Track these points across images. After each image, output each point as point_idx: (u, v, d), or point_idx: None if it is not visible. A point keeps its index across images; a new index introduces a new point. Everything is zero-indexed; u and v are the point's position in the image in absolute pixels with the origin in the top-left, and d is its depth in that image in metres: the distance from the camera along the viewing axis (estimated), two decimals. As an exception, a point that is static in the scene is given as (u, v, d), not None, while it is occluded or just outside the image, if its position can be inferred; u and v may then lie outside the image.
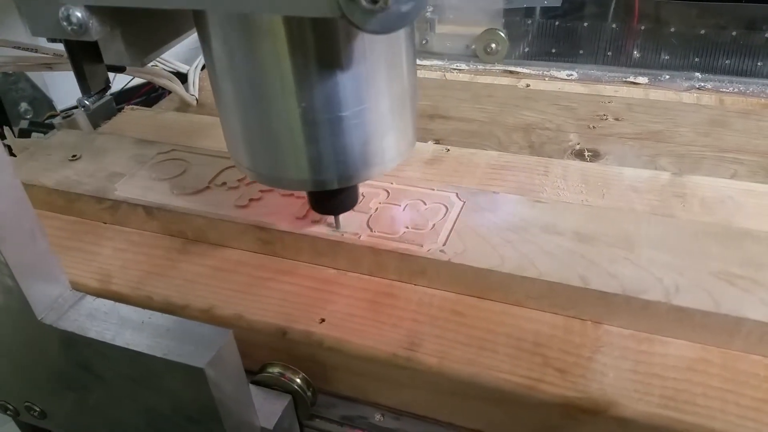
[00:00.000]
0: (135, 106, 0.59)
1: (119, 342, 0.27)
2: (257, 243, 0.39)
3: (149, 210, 0.41)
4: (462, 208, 0.38)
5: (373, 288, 0.36)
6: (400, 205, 0.39)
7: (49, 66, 0.53)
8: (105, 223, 0.43)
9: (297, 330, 0.34)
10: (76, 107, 0.63)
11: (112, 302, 0.29)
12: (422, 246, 0.36)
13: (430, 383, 0.32)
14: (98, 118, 0.57)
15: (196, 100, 0.61)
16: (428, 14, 0.70)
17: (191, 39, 0.84)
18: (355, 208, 0.39)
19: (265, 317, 0.35)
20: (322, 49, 0.28)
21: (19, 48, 0.52)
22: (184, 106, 0.62)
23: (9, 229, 0.26)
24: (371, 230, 0.37)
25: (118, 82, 0.72)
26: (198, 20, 0.30)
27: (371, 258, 0.36)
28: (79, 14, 0.29)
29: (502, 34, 0.67)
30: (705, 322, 0.31)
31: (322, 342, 0.33)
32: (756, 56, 0.62)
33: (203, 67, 0.70)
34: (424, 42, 0.71)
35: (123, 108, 0.59)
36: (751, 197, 0.40)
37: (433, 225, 0.37)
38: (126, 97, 0.81)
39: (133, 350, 0.27)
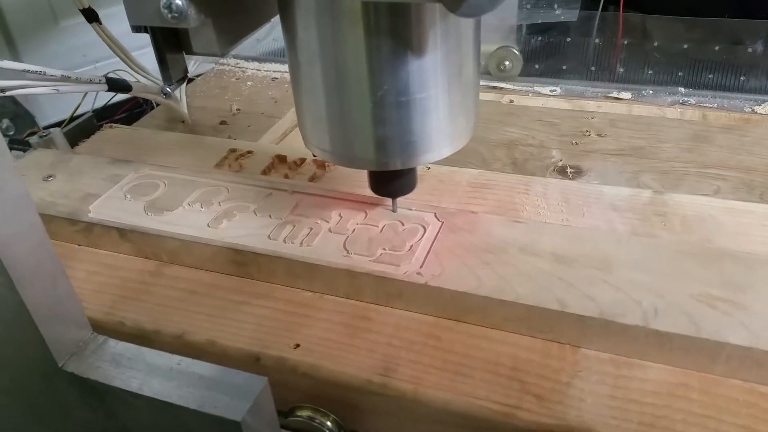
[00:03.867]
0: (114, 124, 0.58)
1: (147, 392, 0.25)
2: (232, 265, 0.38)
3: (123, 232, 0.40)
4: (440, 228, 0.38)
5: (349, 311, 0.36)
6: (377, 226, 0.39)
7: (56, 89, 0.52)
8: (79, 246, 0.42)
9: (270, 356, 0.33)
10: (56, 125, 0.62)
11: (137, 347, 0.27)
12: (399, 268, 0.35)
13: (405, 410, 0.31)
14: (77, 136, 0.56)
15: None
16: None
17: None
18: (332, 229, 0.38)
19: (239, 343, 0.34)
20: (396, 35, 0.30)
21: (27, 72, 0.51)
22: (165, 123, 0.61)
23: (29, 272, 0.24)
24: (348, 252, 0.37)
25: (100, 98, 0.71)
26: (281, 6, 0.32)
27: (347, 280, 0.36)
28: (179, 2, 0.30)
29: (516, 51, 0.66)
30: (685, 346, 0.30)
31: (296, 368, 0.33)
32: (739, 71, 0.62)
33: (188, 82, 0.70)
34: None
35: (102, 126, 0.58)
36: (732, 215, 0.40)
37: (411, 246, 0.37)
38: (110, 112, 0.80)
39: (163, 401, 0.25)
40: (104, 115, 0.77)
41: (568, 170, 0.51)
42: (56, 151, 0.51)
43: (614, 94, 0.63)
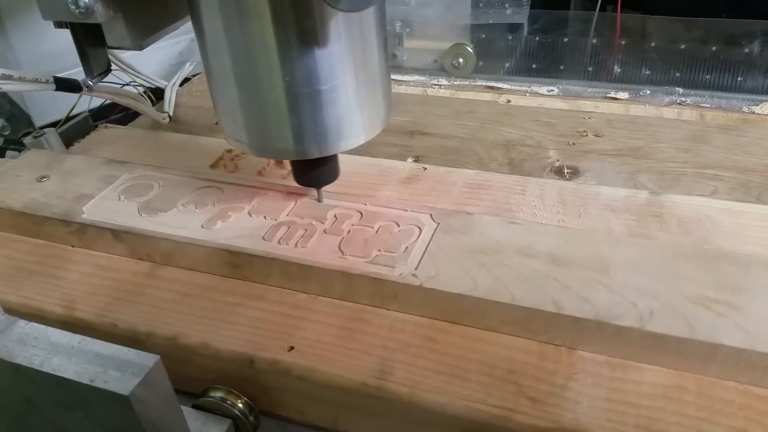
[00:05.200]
0: (109, 125, 0.58)
1: (46, 368, 0.26)
2: (226, 267, 0.38)
3: (116, 233, 0.40)
4: (436, 229, 0.38)
5: (344, 313, 0.35)
6: (373, 227, 0.38)
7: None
8: (72, 247, 0.42)
9: (264, 359, 0.33)
10: (52, 125, 0.62)
11: (44, 327, 0.28)
12: (394, 269, 0.35)
13: (401, 413, 0.31)
14: (72, 136, 0.56)
15: (169, 117, 0.60)
16: (397, 29, 0.70)
17: (172, 54, 0.83)
18: (328, 230, 0.38)
19: (232, 345, 0.34)
20: (301, 28, 0.31)
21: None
22: (158, 124, 0.61)
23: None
24: (343, 253, 0.36)
25: (97, 98, 0.71)
26: (190, 2, 0.33)
27: (342, 282, 0.36)
28: None
29: (470, 49, 0.68)
30: (680, 348, 0.30)
31: (290, 371, 0.32)
32: (736, 71, 0.62)
33: (182, 83, 0.70)
34: (392, 56, 0.72)
35: (97, 126, 0.58)
36: (729, 216, 0.40)
37: (406, 248, 0.36)
38: (106, 112, 0.80)
39: (60, 377, 0.26)
40: (100, 115, 0.76)
41: (565, 170, 0.51)
42: (50, 151, 0.51)
43: (611, 94, 0.63)
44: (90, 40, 0.36)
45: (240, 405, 0.32)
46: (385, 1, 0.35)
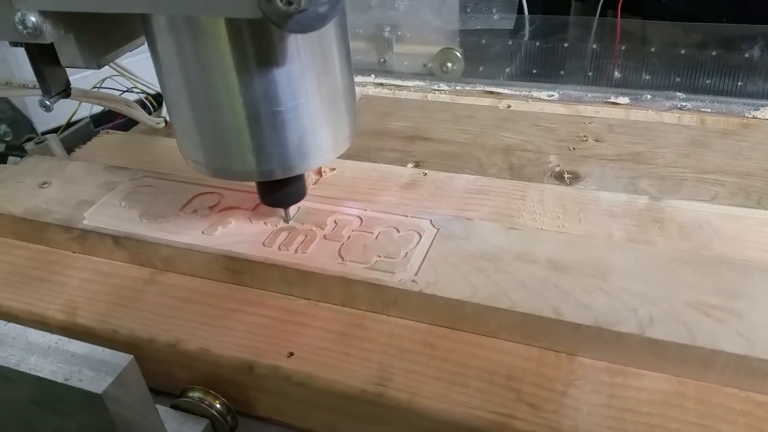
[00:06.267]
0: (111, 130, 0.58)
1: (23, 368, 0.27)
2: (226, 273, 0.38)
3: (117, 239, 0.40)
4: (435, 235, 0.38)
5: (344, 319, 0.35)
6: (372, 233, 0.38)
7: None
8: (74, 253, 0.42)
9: (264, 365, 0.33)
10: (53, 131, 0.62)
11: (22, 327, 0.29)
12: (394, 275, 0.35)
13: (400, 419, 0.31)
14: (74, 142, 0.56)
15: (165, 122, 0.61)
16: (386, 34, 0.71)
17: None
18: (328, 236, 0.38)
19: (232, 351, 0.34)
20: (257, 48, 0.30)
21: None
22: (160, 130, 0.61)
23: None
24: (343, 259, 0.36)
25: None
26: (144, 23, 0.32)
27: (342, 288, 0.36)
28: (33, 18, 0.30)
29: (458, 53, 0.68)
30: (680, 354, 0.30)
31: (289, 377, 0.32)
32: (737, 76, 0.62)
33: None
34: (382, 61, 0.73)
35: (99, 132, 0.58)
36: (729, 221, 0.40)
37: (406, 253, 0.36)
38: (108, 118, 0.80)
39: (36, 376, 0.26)
40: (102, 121, 0.77)
41: (566, 176, 0.51)
42: (52, 157, 0.51)
43: (612, 99, 0.63)
44: (45, 59, 0.34)
45: (218, 405, 0.33)
46: (345, 15, 0.34)
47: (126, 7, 0.30)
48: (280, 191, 0.38)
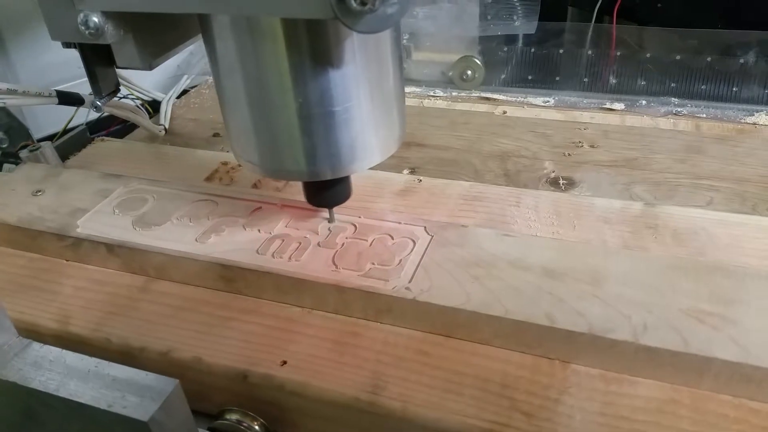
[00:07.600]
0: (105, 138, 0.58)
1: (63, 393, 0.26)
2: (220, 281, 0.38)
3: (111, 247, 0.40)
4: (429, 242, 0.38)
5: (337, 327, 0.35)
6: (366, 240, 0.38)
7: (3, 102, 0.51)
8: (67, 261, 0.42)
9: (257, 373, 0.33)
10: (49, 137, 0.62)
11: (59, 350, 0.28)
12: (388, 283, 0.35)
13: (394, 428, 0.31)
14: (69, 149, 0.56)
15: (165, 130, 0.61)
16: (405, 41, 0.70)
17: (171, 67, 0.83)
18: (321, 244, 0.38)
19: (225, 360, 0.33)
20: (315, 48, 0.31)
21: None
22: (155, 137, 0.61)
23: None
24: (336, 267, 0.36)
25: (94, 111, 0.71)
26: (203, 24, 0.33)
27: (336, 296, 0.36)
28: (96, 19, 0.31)
29: (478, 61, 0.67)
30: (674, 361, 0.30)
31: (283, 386, 0.32)
32: (732, 81, 0.62)
33: (179, 96, 0.70)
34: None
35: (93, 139, 0.58)
36: (724, 227, 0.40)
37: (400, 261, 0.36)
38: (104, 125, 0.80)
39: (77, 401, 0.25)
40: (98, 128, 0.77)
41: (561, 182, 0.51)
42: (46, 165, 0.51)
43: (607, 105, 0.63)
44: (99, 60, 0.35)
45: (256, 427, 0.32)
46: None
47: (194, 8, 0.30)
48: (327, 191, 0.38)
